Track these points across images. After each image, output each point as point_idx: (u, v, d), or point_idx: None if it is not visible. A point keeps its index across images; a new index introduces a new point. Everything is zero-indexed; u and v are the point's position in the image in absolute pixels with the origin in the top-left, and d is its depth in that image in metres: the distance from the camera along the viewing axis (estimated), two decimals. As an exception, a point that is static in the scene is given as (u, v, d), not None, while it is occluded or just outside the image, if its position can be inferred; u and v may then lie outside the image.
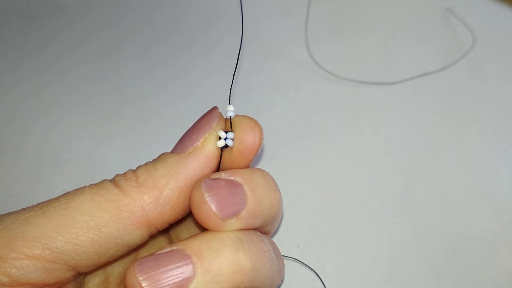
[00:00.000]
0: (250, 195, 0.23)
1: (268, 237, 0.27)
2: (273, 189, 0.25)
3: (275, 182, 0.26)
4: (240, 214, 0.23)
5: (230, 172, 0.24)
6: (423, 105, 0.41)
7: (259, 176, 0.25)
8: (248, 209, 0.23)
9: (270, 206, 0.24)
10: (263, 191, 0.24)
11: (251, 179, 0.24)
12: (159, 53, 0.45)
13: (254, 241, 0.23)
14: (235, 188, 0.23)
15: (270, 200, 0.24)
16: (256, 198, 0.24)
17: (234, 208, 0.23)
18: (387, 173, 0.38)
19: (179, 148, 0.24)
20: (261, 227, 0.25)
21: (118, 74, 0.44)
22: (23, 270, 0.20)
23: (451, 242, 0.34)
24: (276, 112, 0.41)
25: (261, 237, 0.25)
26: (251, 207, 0.23)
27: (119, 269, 0.27)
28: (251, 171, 0.25)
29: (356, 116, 0.40)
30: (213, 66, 0.44)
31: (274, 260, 0.25)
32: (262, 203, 0.24)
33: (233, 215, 0.23)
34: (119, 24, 0.47)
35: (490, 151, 0.39)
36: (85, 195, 0.22)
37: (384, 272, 0.33)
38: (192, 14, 0.48)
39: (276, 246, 0.27)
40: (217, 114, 0.25)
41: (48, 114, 0.42)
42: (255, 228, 0.25)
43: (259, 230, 0.26)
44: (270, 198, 0.24)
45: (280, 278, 0.26)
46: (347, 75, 0.43)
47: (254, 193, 0.24)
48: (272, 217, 0.25)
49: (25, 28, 0.47)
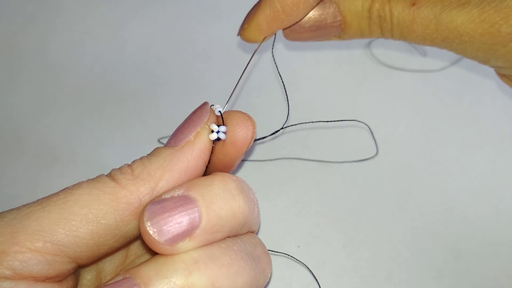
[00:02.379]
0: (205, 211, 0.22)
1: (247, 237, 0.26)
2: (235, 198, 0.23)
3: (240, 187, 0.24)
4: (194, 234, 0.22)
5: (185, 187, 0.23)
6: (423, 105, 0.41)
7: (219, 185, 0.23)
8: (203, 227, 0.22)
9: (232, 217, 0.23)
10: (222, 203, 0.23)
11: (209, 192, 0.23)
12: (159, 53, 0.45)
13: (215, 257, 0.22)
14: (187, 207, 0.22)
15: (231, 211, 0.23)
16: (213, 213, 0.22)
17: (183, 231, 0.22)
18: (387, 173, 0.38)
19: (172, 142, 0.25)
20: (232, 234, 0.24)
21: (118, 74, 0.44)
22: (25, 263, 0.21)
23: (451, 242, 0.34)
24: (276, 112, 0.41)
25: (229, 246, 0.23)
26: (207, 224, 0.22)
27: (110, 265, 0.28)
28: (210, 181, 0.23)
29: (356, 116, 0.40)
30: (213, 66, 0.44)
31: (249, 265, 0.24)
32: (221, 217, 0.23)
33: (182, 238, 0.22)
34: (119, 24, 0.47)
35: (490, 151, 0.39)
36: (83, 189, 0.23)
37: (384, 272, 0.33)
38: (192, 14, 0.48)
39: (259, 244, 0.26)
40: (207, 109, 0.26)
41: (48, 114, 0.42)
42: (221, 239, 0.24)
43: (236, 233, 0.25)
44: (231, 209, 0.23)
45: (264, 277, 0.26)
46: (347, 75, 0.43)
47: (210, 208, 0.22)
48: (238, 226, 0.24)
49: (25, 28, 0.47)
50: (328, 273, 0.33)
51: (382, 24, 0.28)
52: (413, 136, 0.39)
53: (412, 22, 0.27)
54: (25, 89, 0.43)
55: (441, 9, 0.26)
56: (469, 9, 0.25)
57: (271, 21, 0.27)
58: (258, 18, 0.28)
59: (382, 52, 0.45)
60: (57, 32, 0.47)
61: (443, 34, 0.26)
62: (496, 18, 0.25)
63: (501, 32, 0.25)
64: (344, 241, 0.35)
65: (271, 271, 0.26)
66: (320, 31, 0.29)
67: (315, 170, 0.38)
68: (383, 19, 0.27)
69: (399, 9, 0.27)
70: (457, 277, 0.33)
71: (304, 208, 0.36)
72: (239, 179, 0.25)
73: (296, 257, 0.33)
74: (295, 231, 0.35)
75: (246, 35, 0.29)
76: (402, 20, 0.27)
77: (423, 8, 0.26)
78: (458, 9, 0.25)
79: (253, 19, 0.28)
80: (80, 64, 0.45)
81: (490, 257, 0.34)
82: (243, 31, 0.29)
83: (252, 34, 0.29)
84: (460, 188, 0.37)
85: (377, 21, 0.28)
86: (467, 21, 0.25)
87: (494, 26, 0.25)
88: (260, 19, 0.28)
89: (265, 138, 0.31)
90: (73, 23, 0.48)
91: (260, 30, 0.28)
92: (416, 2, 0.26)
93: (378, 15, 0.27)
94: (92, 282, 0.27)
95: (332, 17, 0.28)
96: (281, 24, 0.28)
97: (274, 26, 0.28)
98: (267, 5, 0.27)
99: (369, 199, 0.36)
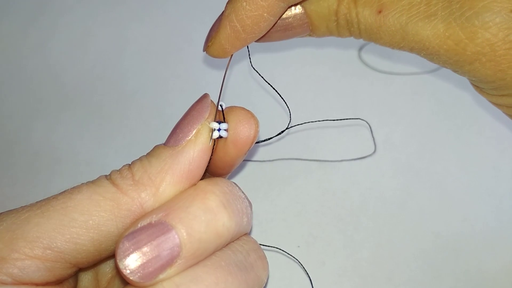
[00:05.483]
0: (184, 238, 0.21)
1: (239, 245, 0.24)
2: (217, 217, 0.22)
3: (224, 202, 0.23)
4: (175, 263, 0.21)
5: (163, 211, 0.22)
6: (423, 105, 0.41)
7: (199, 205, 0.22)
8: (184, 255, 0.21)
9: (216, 237, 0.22)
10: (203, 226, 0.21)
11: (187, 216, 0.21)
12: (159, 53, 0.45)
13: (200, 279, 0.21)
14: (164, 237, 0.21)
15: (214, 232, 0.22)
16: (193, 238, 0.21)
17: (161, 264, 0.21)
18: (387, 173, 0.38)
19: (172, 141, 0.24)
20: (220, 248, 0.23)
21: (119, 74, 0.44)
22: (25, 270, 0.21)
23: (451, 242, 0.34)
24: (275, 112, 0.41)
25: (215, 263, 0.22)
26: (188, 252, 0.21)
27: (108, 267, 0.27)
28: (189, 201, 0.22)
29: (356, 116, 0.40)
30: (213, 66, 0.44)
31: (238, 278, 0.23)
32: (203, 241, 0.21)
33: (162, 271, 0.21)
34: (119, 25, 0.47)
35: (490, 151, 0.38)
36: (83, 193, 0.22)
37: (384, 272, 0.33)
38: (192, 14, 0.48)
39: (253, 250, 0.25)
40: (208, 103, 0.25)
41: (48, 114, 0.42)
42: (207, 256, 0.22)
43: None
44: (214, 229, 0.22)
45: (259, 284, 0.24)
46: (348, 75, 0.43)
47: (190, 234, 0.21)
48: (225, 242, 0.23)
49: (25, 28, 0.47)
50: (328, 273, 0.33)
51: (350, 28, 0.26)
52: (413, 136, 0.39)
53: (378, 29, 0.25)
54: (26, 89, 0.43)
55: (406, 20, 0.24)
56: (435, 23, 0.24)
57: (233, 40, 0.26)
58: (220, 38, 0.26)
59: (382, 52, 0.45)
60: (58, 32, 0.47)
61: (410, 45, 0.25)
62: (462, 36, 0.23)
63: (466, 51, 0.24)
64: (344, 241, 0.35)
65: (268, 274, 0.26)
66: (288, 32, 0.28)
67: (315, 170, 0.38)
68: (350, 24, 0.26)
69: (366, 15, 0.25)
70: (457, 277, 0.33)
71: (304, 208, 0.36)
72: (223, 190, 0.23)
73: (294, 255, 0.33)
74: (295, 231, 0.35)
75: (211, 52, 0.28)
76: (369, 26, 0.26)
77: (389, 17, 0.25)
78: (424, 22, 0.24)
79: (216, 37, 0.27)
80: (81, 64, 0.45)
81: (490, 257, 0.34)
82: (208, 48, 0.28)
83: (216, 52, 0.27)
84: (460, 188, 0.37)
85: (344, 24, 0.26)
86: (432, 36, 0.24)
87: (459, 44, 0.24)
88: (222, 38, 0.26)
89: (270, 139, 0.31)
90: (74, 23, 0.48)
91: (223, 49, 0.27)
92: (382, 9, 0.25)
93: (345, 19, 0.26)
94: (91, 282, 0.26)
95: (299, 20, 0.27)
96: (244, 42, 0.27)
97: (237, 44, 0.27)
98: (227, 25, 0.26)
99: (369, 199, 0.36)
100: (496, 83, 0.25)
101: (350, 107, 0.41)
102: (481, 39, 0.23)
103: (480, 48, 0.23)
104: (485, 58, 0.24)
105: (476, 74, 0.25)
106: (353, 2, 0.25)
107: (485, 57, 0.24)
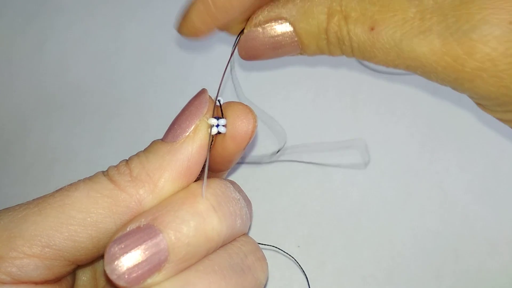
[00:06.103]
0: (172, 242, 0.21)
1: (236, 246, 0.24)
2: (206, 221, 0.22)
3: (215, 205, 0.22)
4: (163, 268, 0.21)
5: (151, 215, 0.21)
6: (423, 105, 0.41)
7: (188, 209, 0.22)
8: (172, 259, 0.21)
9: (205, 241, 0.22)
10: (191, 230, 0.21)
11: (175, 220, 0.21)
12: (158, 52, 0.45)
13: (191, 284, 0.21)
14: (151, 241, 0.21)
15: (204, 236, 0.22)
16: (181, 243, 0.21)
17: (149, 268, 0.21)
18: (387, 173, 0.38)
19: (169, 136, 0.24)
20: (212, 251, 0.23)
21: (118, 74, 0.44)
22: (23, 269, 0.21)
23: (451, 242, 0.34)
24: (275, 112, 0.41)
25: (209, 267, 0.22)
26: (176, 256, 0.21)
27: None
28: (178, 205, 0.22)
29: (356, 116, 0.40)
30: (213, 66, 0.44)
31: (233, 282, 0.22)
32: (191, 245, 0.21)
33: (150, 275, 0.21)
34: (118, 24, 0.47)
35: (490, 151, 0.38)
36: (80, 191, 0.22)
37: (384, 272, 0.33)
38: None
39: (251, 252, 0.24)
40: (206, 98, 0.24)
41: (48, 114, 0.42)
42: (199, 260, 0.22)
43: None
44: (203, 233, 0.22)
45: (258, 286, 0.24)
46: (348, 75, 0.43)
47: (177, 238, 0.21)
48: (216, 246, 0.23)
49: (25, 28, 0.47)
50: (328, 273, 0.33)
51: (342, 47, 0.25)
52: (413, 136, 0.39)
53: (372, 47, 0.24)
54: (25, 89, 0.43)
55: (401, 36, 0.23)
56: (431, 39, 0.22)
57: (204, 16, 0.25)
58: (191, 14, 0.26)
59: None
60: (57, 32, 0.47)
61: (406, 63, 0.24)
62: (459, 51, 0.22)
63: (465, 67, 0.22)
64: (344, 241, 0.35)
65: (267, 276, 0.25)
66: (278, 51, 0.27)
67: (315, 170, 0.38)
68: (342, 42, 0.25)
69: (358, 32, 0.24)
70: (457, 277, 0.33)
71: (304, 208, 0.36)
72: (215, 193, 0.23)
73: (294, 256, 0.33)
74: (295, 231, 0.35)
75: (182, 31, 0.27)
76: (362, 44, 0.24)
77: (383, 34, 0.23)
78: (419, 38, 0.23)
79: (187, 14, 0.26)
80: (80, 63, 0.45)
81: (490, 257, 0.34)
82: (179, 26, 0.27)
83: (188, 30, 0.26)
84: (460, 188, 0.37)
85: (335, 42, 0.25)
86: (428, 53, 0.23)
87: (458, 60, 0.22)
88: (193, 15, 0.25)
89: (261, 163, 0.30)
90: (73, 23, 0.48)
91: (195, 27, 0.26)
92: (374, 26, 0.23)
93: (336, 37, 0.25)
94: (89, 279, 0.26)
95: (288, 38, 0.26)
96: (215, 20, 0.25)
97: (207, 21, 0.25)
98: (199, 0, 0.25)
99: (369, 199, 0.36)
100: (500, 100, 0.23)
101: (350, 107, 0.41)
102: (481, 54, 0.22)
103: (480, 64, 0.22)
104: (487, 74, 0.22)
105: (477, 91, 0.23)
106: (344, 19, 0.24)
107: (486, 73, 0.22)
